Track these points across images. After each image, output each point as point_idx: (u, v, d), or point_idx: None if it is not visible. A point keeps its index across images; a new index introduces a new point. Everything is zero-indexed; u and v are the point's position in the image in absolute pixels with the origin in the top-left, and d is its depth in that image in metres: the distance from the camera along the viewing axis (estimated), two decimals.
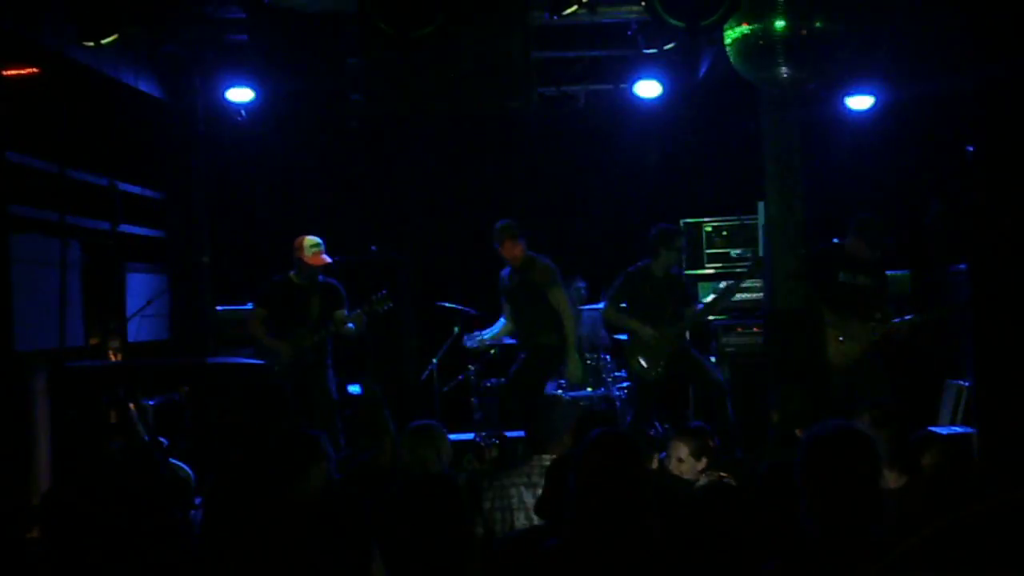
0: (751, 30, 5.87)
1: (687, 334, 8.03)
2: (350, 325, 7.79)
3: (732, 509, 3.78)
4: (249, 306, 8.16)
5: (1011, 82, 6.13)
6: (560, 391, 8.50)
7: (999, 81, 6.16)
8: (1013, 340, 6.01)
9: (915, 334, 7.66)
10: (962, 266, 8.06)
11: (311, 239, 7.86)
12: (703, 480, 4.93)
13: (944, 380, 8.22)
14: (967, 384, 7.76)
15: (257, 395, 5.69)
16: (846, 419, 3.51)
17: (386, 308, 7.80)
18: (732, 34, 5.97)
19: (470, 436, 7.64)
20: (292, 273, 7.92)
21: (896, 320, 7.57)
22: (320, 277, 7.93)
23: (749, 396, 7.93)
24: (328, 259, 7.87)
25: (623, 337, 8.19)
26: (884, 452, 3.29)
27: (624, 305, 7.95)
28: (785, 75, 5.97)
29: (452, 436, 5.37)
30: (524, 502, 4.65)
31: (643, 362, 7.84)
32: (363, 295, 7.90)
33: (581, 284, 9.20)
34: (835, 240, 7.69)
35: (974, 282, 7.28)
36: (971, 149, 6.51)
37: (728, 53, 6.10)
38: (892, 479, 4.29)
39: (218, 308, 8.52)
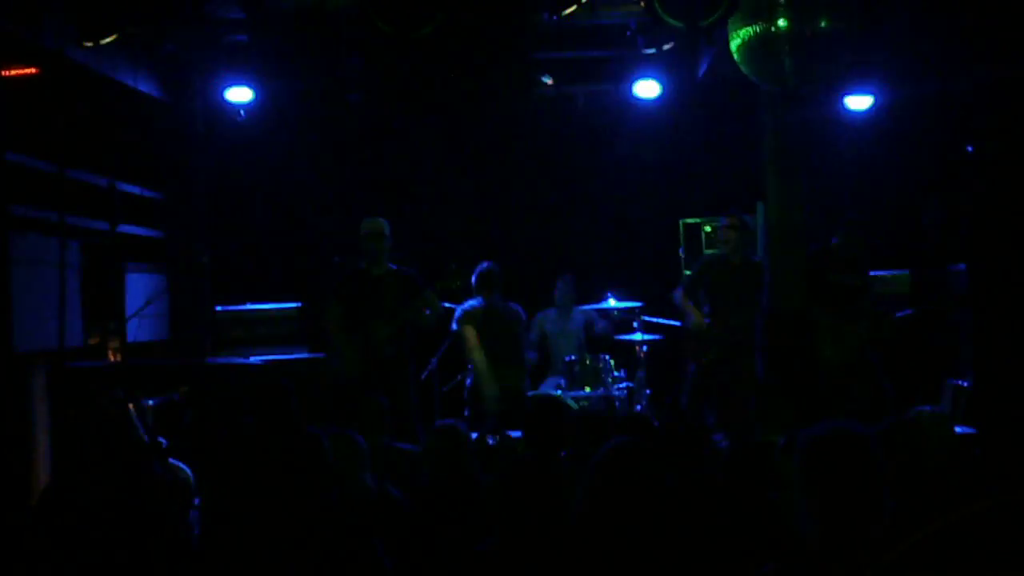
0: (756, 31, 5.88)
1: None
2: (427, 311, 7.36)
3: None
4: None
5: (1011, 82, 6.14)
6: (559, 391, 8.50)
7: (999, 80, 6.17)
8: (1013, 340, 6.02)
9: (906, 331, 7.67)
10: (961, 265, 8.07)
11: (368, 218, 7.52)
12: None
13: (944, 380, 8.22)
14: (967, 384, 7.76)
15: (260, 396, 5.66)
16: (841, 419, 3.51)
17: (459, 284, 7.34)
18: (738, 35, 5.97)
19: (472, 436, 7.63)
20: (362, 264, 7.53)
21: (887, 318, 7.57)
22: (394, 265, 7.53)
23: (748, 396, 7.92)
24: (376, 231, 7.44)
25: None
26: None
27: None
28: (791, 75, 5.97)
29: None
30: None
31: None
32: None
33: (568, 280, 9.23)
34: (833, 240, 7.70)
35: (973, 281, 7.29)
36: (971, 149, 6.53)
37: (734, 54, 6.10)
38: None
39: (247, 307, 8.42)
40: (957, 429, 7.25)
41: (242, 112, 8.32)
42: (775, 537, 3.39)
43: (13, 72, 6.44)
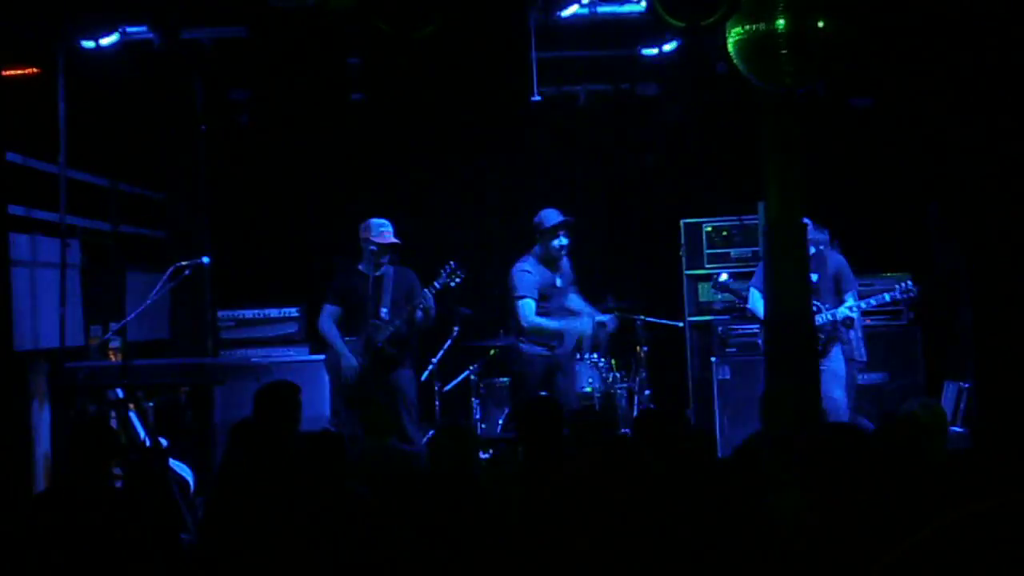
0: (754, 30, 5.88)
1: None
2: (418, 314, 7.31)
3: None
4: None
5: (1011, 81, 6.14)
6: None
7: (999, 81, 6.17)
8: (1013, 340, 6.02)
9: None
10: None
11: (376, 220, 7.46)
12: None
13: (944, 380, 8.22)
14: (967, 384, 7.76)
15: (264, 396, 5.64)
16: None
17: (457, 282, 7.28)
18: (735, 34, 5.97)
19: None
20: (360, 265, 7.51)
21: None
22: (390, 265, 7.50)
23: (748, 396, 7.93)
24: (395, 239, 7.44)
25: None
26: None
27: None
28: (790, 75, 5.97)
29: None
30: None
31: None
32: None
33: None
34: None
35: (974, 282, 7.28)
36: (970, 150, 6.53)
37: (731, 54, 6.10)
38: None
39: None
40: (956, 430, 7.33)
41: (242, 112, 8.33)
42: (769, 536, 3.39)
43: (13, 72, 6.45)
